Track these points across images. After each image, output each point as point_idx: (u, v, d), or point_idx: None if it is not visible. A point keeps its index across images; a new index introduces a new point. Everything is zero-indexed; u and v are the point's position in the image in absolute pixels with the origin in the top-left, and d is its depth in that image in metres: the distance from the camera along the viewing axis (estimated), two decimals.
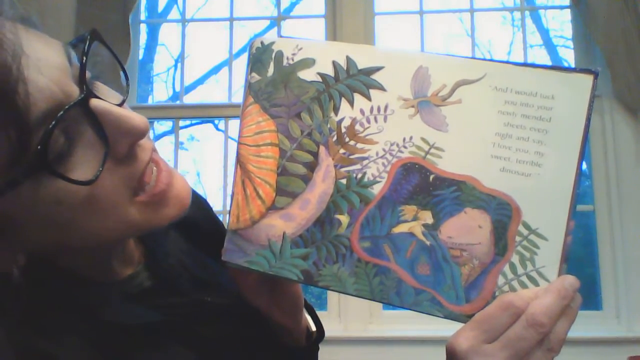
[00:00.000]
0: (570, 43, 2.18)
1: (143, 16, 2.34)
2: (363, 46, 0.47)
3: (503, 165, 0.45)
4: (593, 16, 1.86)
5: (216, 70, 3.18)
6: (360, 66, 0.47)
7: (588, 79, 0.44)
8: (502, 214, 0.44)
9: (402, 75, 0.46)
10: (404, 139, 0.46)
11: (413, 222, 0.46)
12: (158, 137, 2.92)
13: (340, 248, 0.46)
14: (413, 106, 0.46)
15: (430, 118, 0.46)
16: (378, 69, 0.47)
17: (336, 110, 0.47)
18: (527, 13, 2.43)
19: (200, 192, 0.65)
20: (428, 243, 0.45)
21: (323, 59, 0.47)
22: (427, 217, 0.45)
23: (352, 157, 0.47)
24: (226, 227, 0.49)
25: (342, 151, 0.47)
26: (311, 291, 2.29)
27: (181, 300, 0.52)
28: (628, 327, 1.82)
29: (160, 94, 3.69)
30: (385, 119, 0.46)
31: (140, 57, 2.37)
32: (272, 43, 0.48)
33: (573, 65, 2.09)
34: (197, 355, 0.50)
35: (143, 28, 2.42)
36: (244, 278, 0.52)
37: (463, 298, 0.45)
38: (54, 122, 0.36)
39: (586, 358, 1.68)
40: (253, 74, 0.48)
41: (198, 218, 0.60)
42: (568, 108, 0.44)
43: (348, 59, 0.47)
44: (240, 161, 0.48)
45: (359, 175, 0.46)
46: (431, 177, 0.45)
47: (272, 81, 0.48)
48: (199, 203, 0.63)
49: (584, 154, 0.44)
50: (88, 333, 0.44)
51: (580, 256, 2.21)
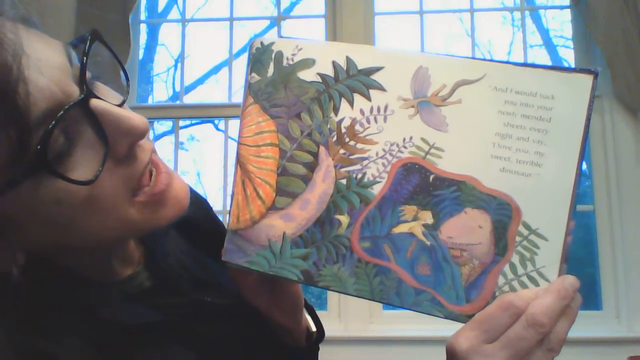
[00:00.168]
0: (570, 43, 2.18)
1: (143, 16, 2.34)
2: (363, 46, 0.47)
3: (503, 165, 0.45)
4: (593, 16, 1.86)
5: (216, 70, 3.18)
6: (360, 66, 0.47)
7: (588, 79, 0.44)
8: (502, 214, 0.44)
9: (402, 75, 0.46)
10: (404, 139, 0.46)
11: (413, 222, 0.46)
12: (158, 137, 2.92)
13: (340, 248, 0.46)
14: (413, 106, 0.46)
15: (430, 118, 0.46)
16: (378, 69, 0.47)
17: (336, 110, 0.47)
18: (527, 13, 2.43)
19: (200, 192, 0.64)
20: (428, 243, 0.45)
21: (323, 60, 0.47)
22: (427, 217, 0.45)
23: (352, 158, 0.47)
24: (226, 227, 0.49)
25: (342, 151, 0.47)
26: (311, 291, 2.29)
27: (181, 300, 0.52)
28: (628, 327, 1.82)
29: (160, 94, 3.69)
30: (385, 119, 0.46)
31: (140, 57, 2.37)
32: (272, 43, 0.48)
33: (573, 65, 2.09)
34: (197, 355, 0.50)
35: (143, 28, 2.42)
36: (244, 278, 0.52)
37: (463, 298, 0.45)
38: (54, 122, 0.37)
39: (586, 358, 1.68)
40: (253, 74, 0.48)
41: (198, 218, 0.60)
42: (568, 108, 0.44)
43: (348, 59, 0.47)
44: (240, 161, 0.48)
45: (359, 175, 0.46)
46: (431, 177, 0.45)
47: (272, 81, 0.48)
48: (199, 203, 0.63)
49: (584, 154, 0.44)
50: (88, 333, 0.44)
51: (580, 256, 2.21)
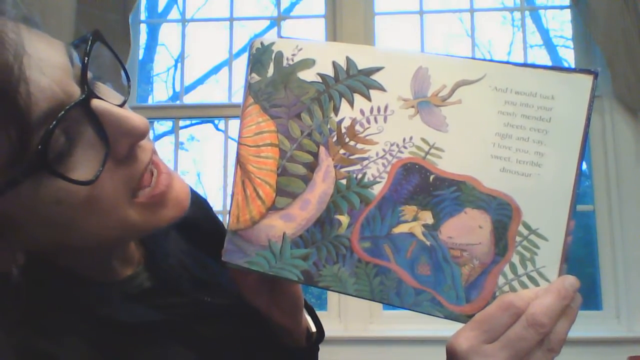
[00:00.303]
0: (570, 43, 2.18)
1: (143, 16, 2.34)
2: (363, 46, 0.47)
3: (503, 165, 0.45)
4: (593, 16, 1.86)
5: (216, 70, 3.18)
6: (360, 66, 0.47)
7: (588, 79, 0.44)
8: (503, 214, 0.44)
9: (402, 75, 0.46)
10: (404, 139, 0.46)
11: (413, 223, 0.46)
12: (158, 137, 2.92)
13: (340, 248, 0.46)
14: (413, 106, 0.46)
15: (430, 118, 0.46)
16: (378, 70, 0.47)
17: (336, 110, 0.47)
18: (527, 13, 2.43)
19: (200, 192, 0.65)
20: (428, 243, 0.45)
21: (323, 60, 0.47)
22: (427, 218, 0.45)
23: (352, 158, 0.47)
24: (226, 228, 0.49)
25: (342, 151, 0.47)
26: (311, 291, 2.29)
27: (181, 300, 0.52)
28: (628, 327, 1.82)
29: (160, 94, 3.69)
30: (385, 120, 0.46)
31: (140, 57, 2.37)
32: (272, 43, 0.48)
33: (573, 65, 2.09)
34: (197, 355, 0.50)
35: (143, 28, 2.42)
36: (244, 278, 0.52)
37: (463, 298, 0.45)
38: (55, 122, 0.37)
39: (586, 358, 1.68)
40: (253, 75, 0.48)
41: (198, 218, 0.60)
42: (568, 108, 0.44)
43: (348, 60, 0.47)
44: (240, 162, 0.48)
45: (359, 175, 0.46)
46: (431, 178, 0.45)
47: (272, 82, 0.48)
48: (199, 203, 0.63)
49: (584, 154, 0.44)
50: (88, 333, 0.44)
51: (580, 256, 2.21)
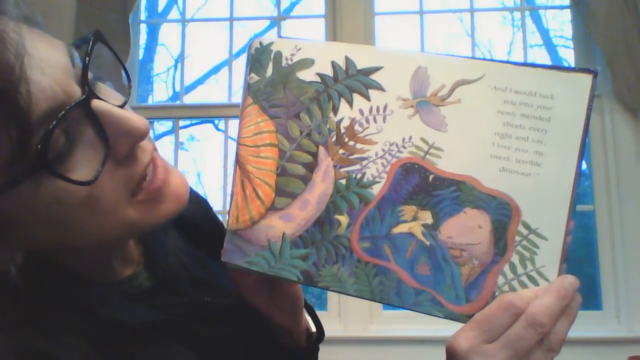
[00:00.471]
0: (570, 43, 2.18)
1: (143, 16, 2.34)
2: (362, 46, 0.47)
3: (502, 165, 0.45)
4: (593, 16, 1.86)
5: (216, 70, 3.18)
6: (359, 66, 0.47)
7: (587, 79, 0.44)
8: (502, 214, 0.44)
9: (401, 75, 0.46)
10: (403, 139, 0.46)
11: (413, 222, 0.46)
12: (158, 137, 2.93)
13: (339, 248, 0.46)
14: (412, 106, 0.46)
15: (429, 118, 0.46)
16: (377, 69, 0.47)
17: (335, 110, 0.47)
18: (527, 13, 2.43)
19: (200, 192, 0.64)
20: (428, 243, 0.45)
21: (322, 60, 0.47)
22: (427, 217, 0.45)
23: (352, 158, 0.47)
24: (226, 228, 0.49)
25: (342, 151, 0.47)
26: (311, 291, 2.29)
27: (181, 300, 0.52)
28: (628, 327, 1.82)
29: (160, 94, 3.70)
30: (384, 119, 0.46)
31: (140, 57, 2.37)
32: (271, 43, 0.48)
33: (573, 65, 2.09)
34: (197, 355, 0.50)
35: (143, 28, 2.42)
36: (244, 278, 0.52)
37: (463, 298, 0.45)
38: (55, 122, 0.37)
39: (586, 358, 1.68)
40: (252, 75, 0.48)
41: (198, 218, 0.60)
42: (567, 108, 0.44)
43: (347, 59, 0.47)
44: (239, 162, 0.48)
45: (359, 175, 0.46)
46: (431, 177, 0.45)
47: (271, 82, 0.48)
48: (199, 203, 0.63)
49: (584, 154, 0.44)
50: (88, 333, 0.44)
51: (580, 256, 2.21)
